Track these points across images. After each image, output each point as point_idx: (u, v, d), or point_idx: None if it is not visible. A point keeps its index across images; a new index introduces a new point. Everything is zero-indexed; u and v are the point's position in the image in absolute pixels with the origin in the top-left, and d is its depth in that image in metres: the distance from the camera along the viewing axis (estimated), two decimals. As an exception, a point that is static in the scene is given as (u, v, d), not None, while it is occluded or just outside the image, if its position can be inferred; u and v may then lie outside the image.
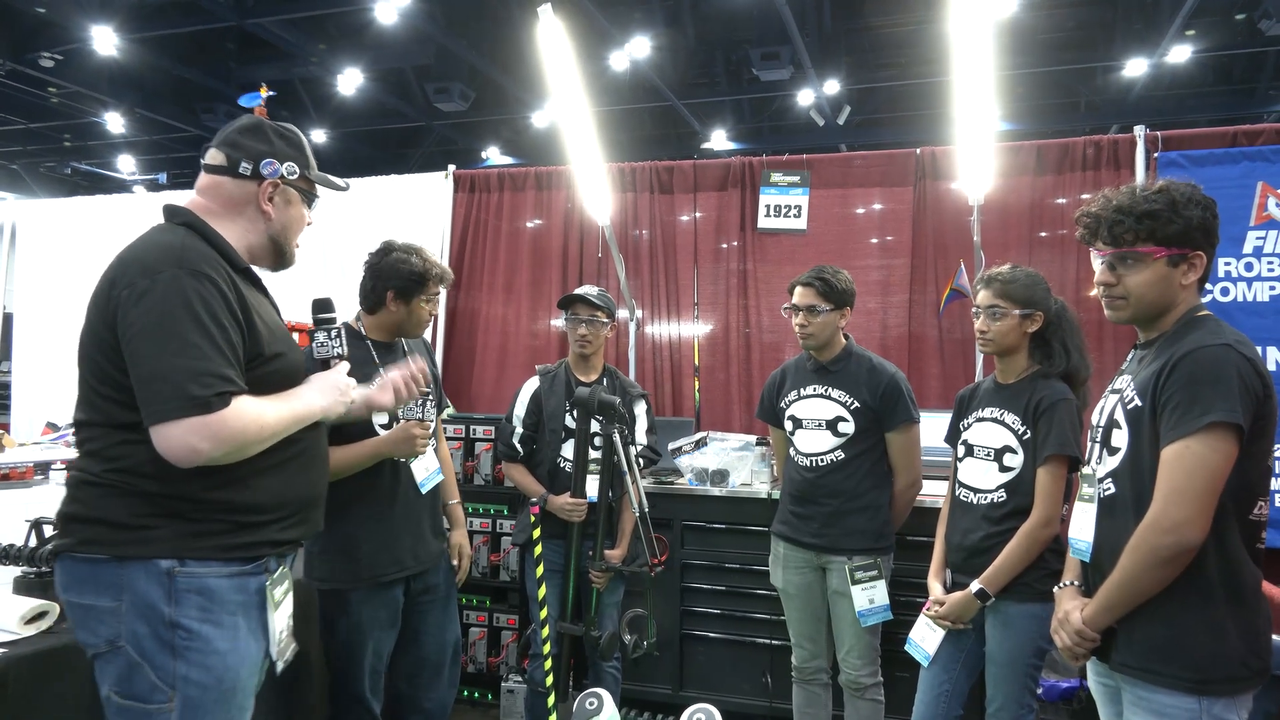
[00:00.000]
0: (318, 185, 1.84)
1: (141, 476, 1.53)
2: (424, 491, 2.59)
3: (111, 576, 1.53)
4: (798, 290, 2.81)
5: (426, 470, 2.59)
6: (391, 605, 2.54)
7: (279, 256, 1.80)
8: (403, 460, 2.53)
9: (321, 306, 1.90)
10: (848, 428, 2.78)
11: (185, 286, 1.53)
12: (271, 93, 1.98)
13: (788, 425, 2.91)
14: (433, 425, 2.62)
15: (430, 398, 2.52)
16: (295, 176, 1.75)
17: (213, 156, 1.73)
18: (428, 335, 2.90)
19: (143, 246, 1.61)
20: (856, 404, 2.78)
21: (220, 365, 1.52)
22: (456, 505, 2.90)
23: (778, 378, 3.01)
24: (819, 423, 2.82)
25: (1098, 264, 1.76)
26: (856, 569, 2.70)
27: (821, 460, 2.81)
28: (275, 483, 1.64)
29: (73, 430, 1.58)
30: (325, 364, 1.83)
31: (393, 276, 2.55)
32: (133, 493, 1.54)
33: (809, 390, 2.86)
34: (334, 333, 1.85)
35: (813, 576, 2.83)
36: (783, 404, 2.93)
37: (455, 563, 2.80)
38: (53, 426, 4.24)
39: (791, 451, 2.90)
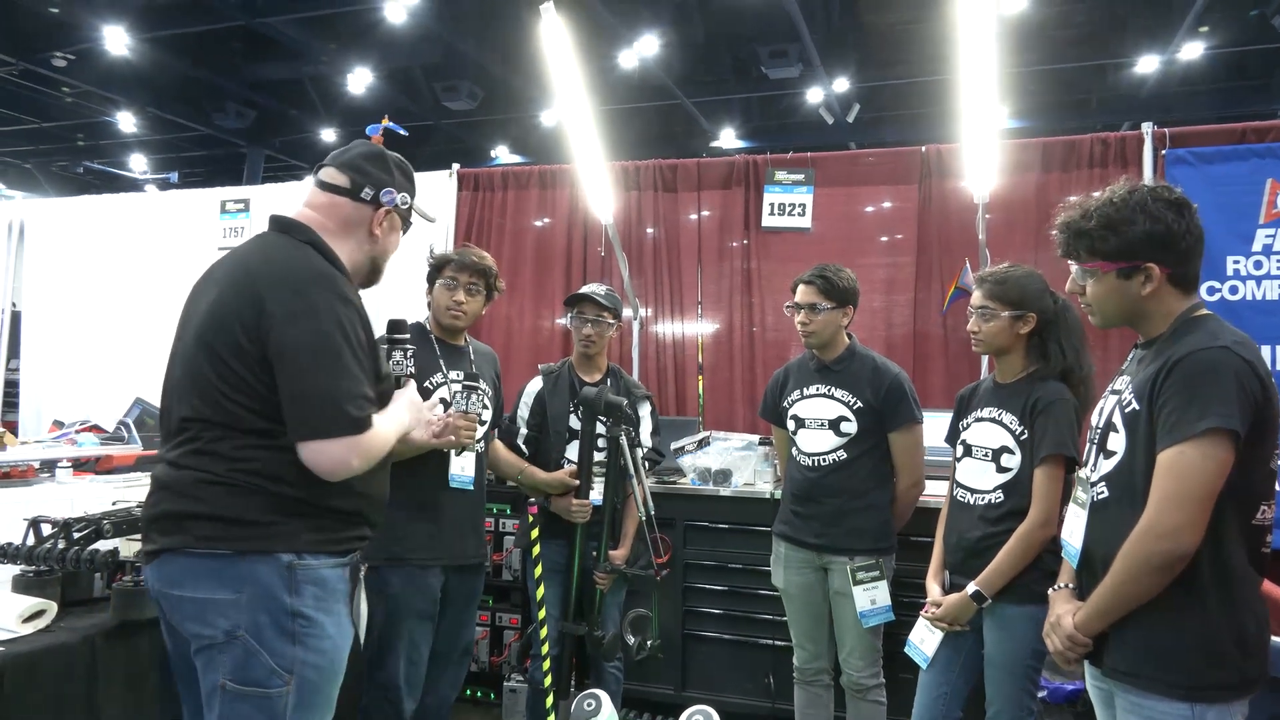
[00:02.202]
0: (414, 215, 1.95)
1: (267, 478, 1.62)
2: (452, 486, 2.65)
3: (233, 570, 1.60)
4: (800, 288, 2.81)
5: (461, 469, 2.67)
6: (429, 595, 2.60)
7: (373, 275, 1.90)
8: (451, 453, 2.63)
9: (396, 327, 2.02)
10: (850, 428, 2.76)
11: (338, 310, 1.65)
12: (391, 124, 2.04)
13: (790, 425, 2.89)
14: (481, 427, 2.68)
15: (475, 391, 2.60)
16: (407, 207, 1.87)
17: (333, 176, 1.82)
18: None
19: (286, 265, 1.69)
20: (859, 404, 2.76)
21: (366, 388, 1.66)
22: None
23: (780, 377, 3.00)
24: (821, 422, 2.81)
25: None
26: (858, 569, 2.68)
27: (824, 460, 2.79)
28: (364, 487, 1.75)
29: (181, 427, 1.67)
30: (398, 382, 1.94)
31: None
32: (258, 492, 1.62)
33: (812, 390, 2.84)
34: (409, 352, 1.97)
35: (814, 577, 2.82)
36: (785, 403, 2.91)
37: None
38: (59, 424, 4.27)
39: (794, 451, 2.89)
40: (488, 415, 2.78)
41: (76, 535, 2.17)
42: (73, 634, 2.03)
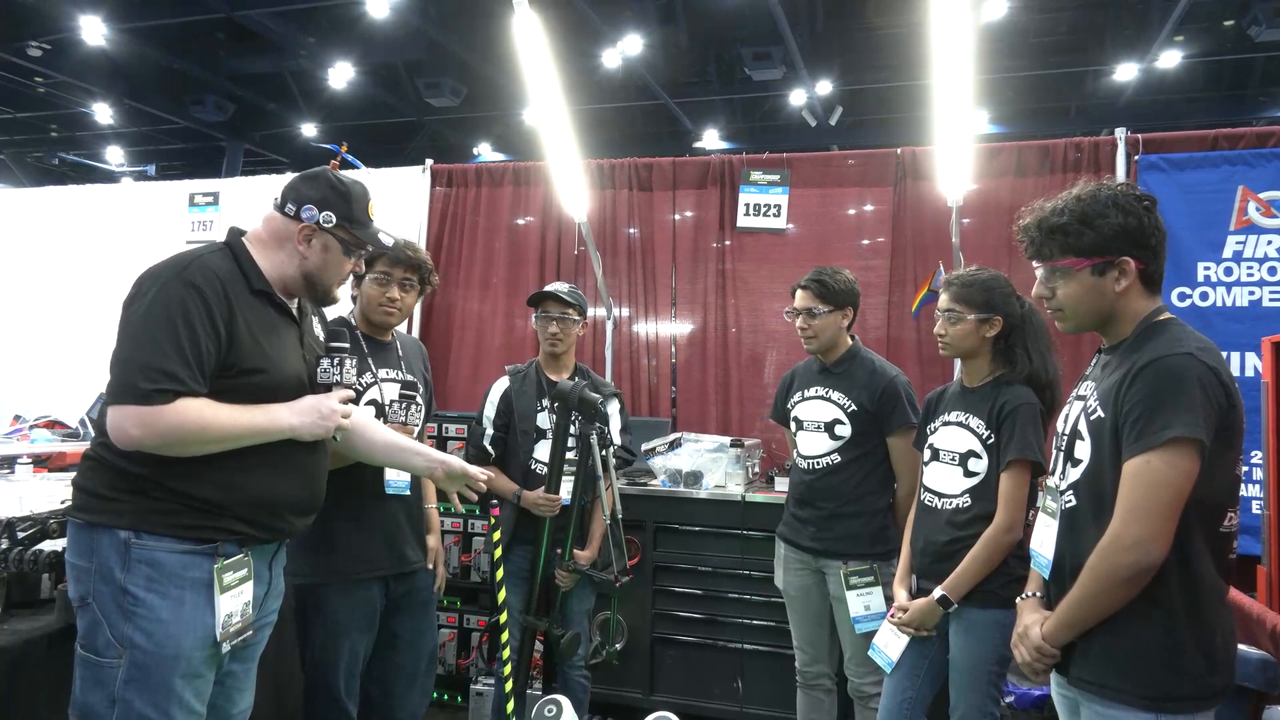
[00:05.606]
0: (367, 241, 1.96)
1: (113, 454, 1.71)
2: (389, 492, 2.54)
3: (87, 540, 1.73)
4: (797, 293, 2.81)
5: (396, 474, 2.55)
6: (368, 607, 2.50)
7: (313, 292, 1.95)
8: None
9: (331, 335, 2.03)
10: (844, 431, 2.74)
11: (172, 292, 1.70)
12: (348, 156, 2.09)
13: (792, 426, 2.88)
14: (417, 425, 2.59)
15: (413, 403, 2.53)
16: (331, 225, 1.89)
17: (278, 192, 1.94)
18: (402, 328, 2.85)
19: (172, 257, 1.81)
20: (854, 407, 2.73)
21: (173, 365, 1.66)
22: (433, 509, 2.84)
23: (788, 379, 2.99)
24: (818, 425, 2.79)
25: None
26: (851, 574, 2.65)
27: (818, 463, 2.77)
28: (235, 482, 1.77)
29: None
30: (327, 388, 1.94)
31: None
32: (109, 468, 1.73)
33: (812, 392, 2.83)
34: (335, 360, 1.96)
35: (812, 580, 2.79)
36: (789, 405, 2.90)
37: (430, 566, 2.75)
38: (19, 419, 4.18)
39: (795, 453, 2.88)
40: (423, 414, 2.69)
41: (21, 535, 2.11)
42: (13, 637, 1.96)
